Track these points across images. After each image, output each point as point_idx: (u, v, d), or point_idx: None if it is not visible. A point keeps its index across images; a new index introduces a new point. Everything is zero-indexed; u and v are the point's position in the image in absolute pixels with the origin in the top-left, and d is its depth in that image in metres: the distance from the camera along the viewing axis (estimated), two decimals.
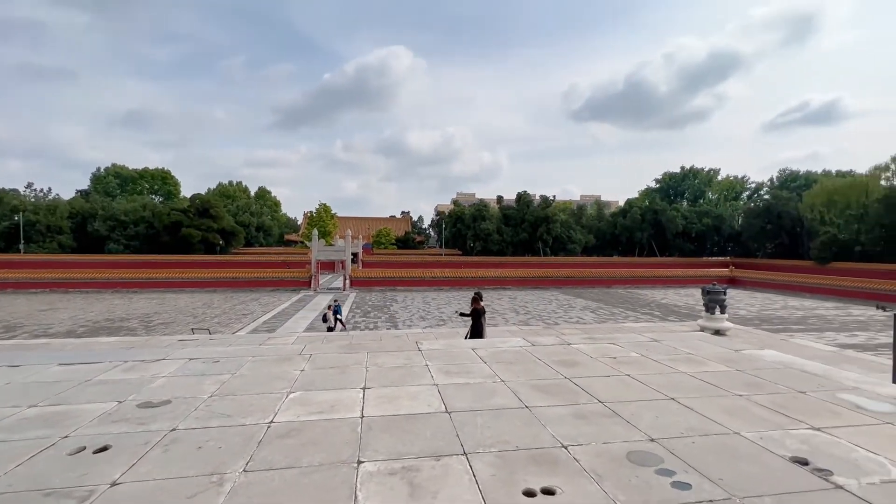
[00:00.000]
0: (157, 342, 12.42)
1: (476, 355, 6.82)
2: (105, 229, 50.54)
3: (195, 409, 4.49)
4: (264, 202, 78.82)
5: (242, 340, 12.83)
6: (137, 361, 6.40)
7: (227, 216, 55.96)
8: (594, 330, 10.61)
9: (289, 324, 20.78)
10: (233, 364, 6.22)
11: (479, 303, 10.69)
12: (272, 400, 4.76)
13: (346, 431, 3.96)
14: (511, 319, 22.26)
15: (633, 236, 61.28)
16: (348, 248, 36.64)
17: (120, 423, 4.12)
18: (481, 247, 59.35)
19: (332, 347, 7.62)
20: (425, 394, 4.99)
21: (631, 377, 5.70)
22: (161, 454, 3.51)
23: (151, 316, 23.17)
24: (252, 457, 3.46)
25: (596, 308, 26.74)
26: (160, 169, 72.26)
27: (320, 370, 5.94)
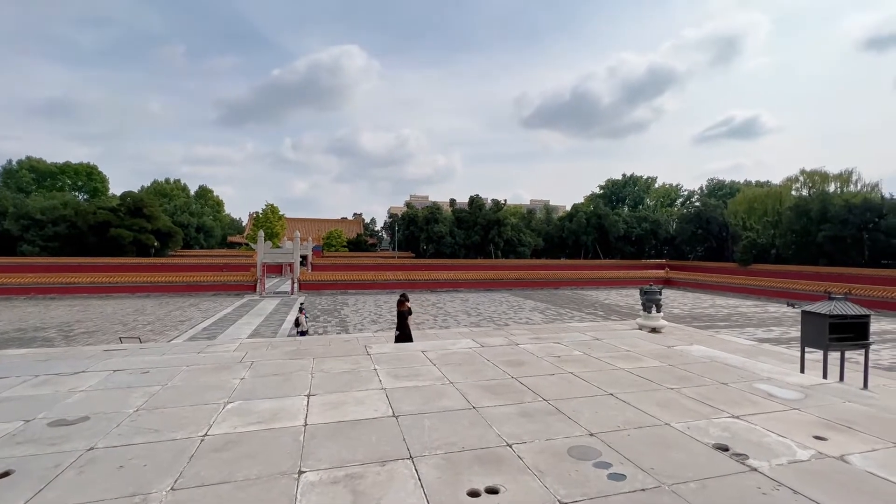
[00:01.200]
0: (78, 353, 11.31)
1: (426, 357, 6.81)
2: (17, 229, 45.46)
3: (117, 424, 4.12)
4: (205, 202, 74.49)
5: (178, 349, 11.99)
6: (52, 375, 5.79)
7: (163, 216, 52.22)
8: (541, 330, 10.94)
9: (231, 330, 19.71)
10: (164, 375, 5.79)
11: (404, 304, 10.79)
12: (207, 412, 4.47)
13: (288, 441, 3.80)
14: (463, 321, 22.47)
15: (579, 239, 63.97)
16: (296, 251, 35.40)
17: (26, 444, 3.70)
18: (434, 249, 59.53)
19: (277, 354, 7.31)
20: (372, 398, 4.91)
21: (574, 375, 5.92)
22: (75, 477, 3.19)
23: (72, 324, 21.11)
24: (182, 473, 3.22)
25: (544, 309, 27.62)
26: (85, 164, 66.18)
27: (262, 378, 5.67)
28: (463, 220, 61.53)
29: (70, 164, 64.70)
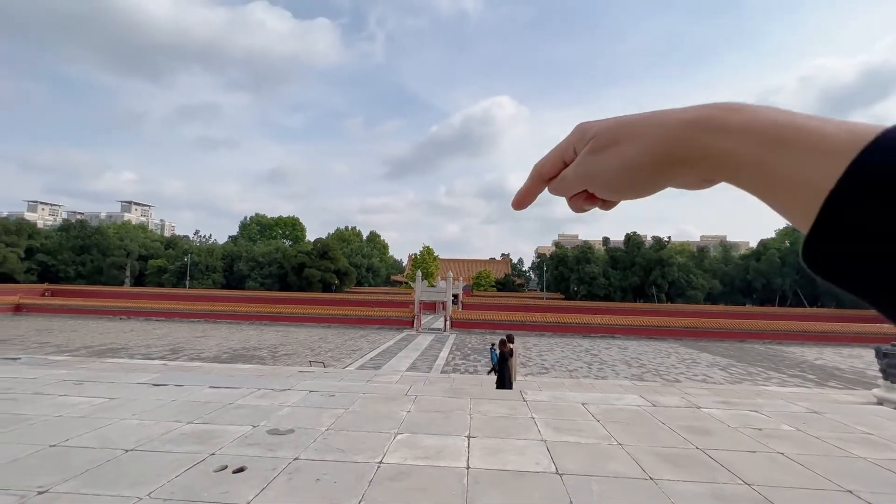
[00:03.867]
0: (282, 371, 13.78)
1: (587, 411, 6.29)
2: (246, 269, 59.11)
3: (314, 440, 4.80)
4: (374, 245, 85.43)
5: (352, 376, 13.63)
6: (268, 390, 7.13)
7: (342, 258, 61.68)
8: (728, 392, 9.15)
9: (392, 362, 21.58)
10: (346, 400, 6.59)
11: (506, 345, 10.54)
12: (381, 440, 4.88)
13: (453, 481, 3.86)
14: (622, 373, 20.30)
15: (770, 282, 52.93)
16: (449, 290, 37.49)
17: (254, 446, 4.57)
18: (586, 291, 56.24)
19: (436, 390, 7.68)
20: (532, 450, 4.70)
21: (786, 456, 4.72)
22: (286, 482, 3.78)
23: (278, 347, 25.95)
24: (364, 496, 3.54)
25: (727, 366, 23.18)
26: (291, 217, 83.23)
27: (425, 413, 5.98)
28: (618, 260, 57.09)
29: (281, 218, 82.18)
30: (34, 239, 54.89)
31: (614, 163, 0.40)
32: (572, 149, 0.43)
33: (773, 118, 0.33)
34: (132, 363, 14.92)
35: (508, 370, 10.30)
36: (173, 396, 6.48)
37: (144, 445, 4.50)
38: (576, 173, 0.43)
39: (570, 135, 0.44)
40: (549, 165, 0.46)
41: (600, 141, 0.41)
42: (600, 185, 0.42)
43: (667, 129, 0.37)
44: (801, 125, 0.31)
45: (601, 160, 0.41)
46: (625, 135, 0.39)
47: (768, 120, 0.33)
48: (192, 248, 62.16)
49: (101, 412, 5.61)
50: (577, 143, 0.43)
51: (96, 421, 5.25)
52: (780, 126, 0.32)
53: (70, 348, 22.53)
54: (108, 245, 58.14)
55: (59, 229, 60.73)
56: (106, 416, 5.42)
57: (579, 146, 0.43)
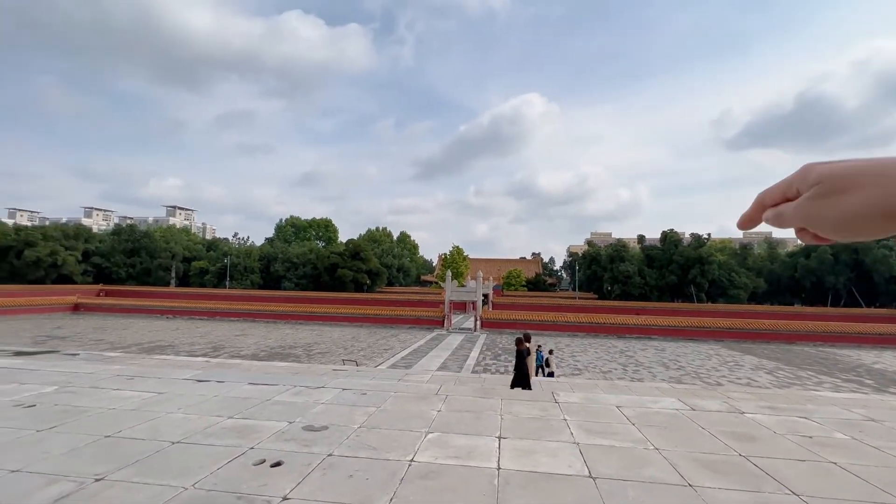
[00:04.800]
0: (316, 370, 14.13)
1: (621, 414, 6.13)
2: (282, 270, 61.03)
3: (347, 437, 4.90)
4: (405, 245, 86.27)
5: (384, 375, 13.81)
6: (303, 387, 7.34)
7: (373, 258, 62.65)
8: (775, 397, 8.69)
9: (423, 361, 21.73)
10: (378, 398, 6.70)
11: (523, 344, 10.66)
12: (412, 438, 4.93)
13: (483, 482, 3.86)
14: (659, 375, 19.63)
15: (822, 281, 49.80)
16: (479, 290, 37.38)
17: (290, 441, 4.72)
18: (620, 290, 54.73)
19: (466, 390, 7.68)
20: (565, 452, 4.62)
21: (839, 467, 4.43)
22: (320, 477, 3.88)
23: (312, 345, 26.66)
24: (395, 494, 3.59)
25: (773, 369, 22.00)
26: (324, 218, 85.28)
27: (456, 413, 6.00)
28: (654, 258, 55.26)
29: (315, 220, 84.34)
30: (90, 243, 58.77)
31: (840, 210, 0.42)
32: (795, 188, 0.46)
33: None
34: (177, 360, 15.71)
35: (526, 367, 10.47)
36: (215, 392, 6.78)
37: (189, 438, 4.73)
38: (796, 214, 0.46)
39: (795, 174, 0.47)
40: (771, 197, 0.49)
41: (825, 188, 0.43)
42: (823, 228, 0.45)
43: None
44: None
45: (824, 207, 0.43)
46: (851, 184, 0.41)
47: None
48: (232, 249, 64.79)
49: (151, 406, 5.94)
50: (800, 183, 0.45)
51: (146, 414, 5.57)
52: None
53: (122, 345, 23.97)
54: (155, 248, 61.47)
55: (112, 233, 64.73)
56: (154, 410, 5.74)
57: (802, 187, 0.45)
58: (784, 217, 0.47)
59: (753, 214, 0.52)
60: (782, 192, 0.48)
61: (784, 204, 0.47)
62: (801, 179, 0.45)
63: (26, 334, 26.97)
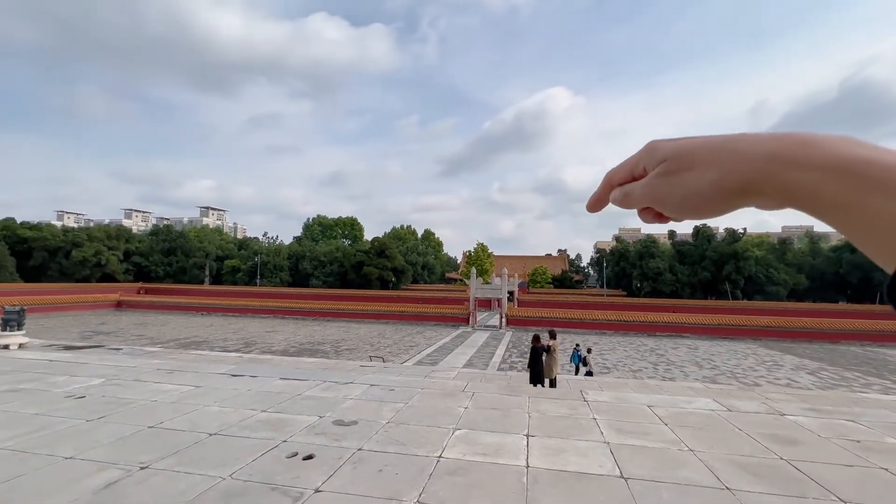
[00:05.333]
0: (344, 366, 14.38)
1: (653, 414, 5.98)
2: (310, 268, 62.37)
3: (376, 432, 4.97)
4: (429, 243, 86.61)
5: (410, 371, 13.93)
6: (332, 382, 7.49)
7: (398, 256, 63.19)
8: (818, 398, 8.29)
9: (448, 358, 21.80)
10: (405, 394, 6.76)
11: (538, 341, 11.12)
12: (440, 434, 4.96)
13: (512, 480, 3.84)
14: (692, 374, 19.04)
15: (869, 277, 47.06)
16: (504, 287, 37.16)
17: (321, 435, 4.83)
18: (650, 287, 53.30)
19: (493, 388, 7.65)
20: (595, 452, 4.55)
21: (891, 473, 4.19)
22: (351, 470, 3.95)
23: (340, 342, 27.16)
24: (424, 489, 3.62)
25: (816, 369, 20.97)
26: (350, 217, 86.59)
27: (483, 410, 5.99)
28: (686, 255, 53.54)
29: (341, 218, 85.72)
30: (130, 243, 61.69)
31: (685, 188, 0.41)
32: (642, 166, 0.45)
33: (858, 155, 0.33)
34: (212, 355, 16.32)
35: (540, 364, 10.87)
36: (249, 386, 7.01)
37: (225, 430, 4.91)
38: (643, 193, 0.44)
39: (641, 151, 0.45)
40: (619, 176, 0.47)
41: (671, 165, 0.42)
42: (669, 206, 0.43)
43: (744, 159, 0.37)
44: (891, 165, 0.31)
45: (671, 184, 0.42)
46: (698, 161, 0.40)
47: (853, 157, 0.33)
48: (262, 248, 66.67)
49: (189, 399, 6.19)
50: (647, 160, 0.44)
51: (185, 406, 5.81)
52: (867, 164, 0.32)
53: (161, 340, 25.08)
54: (190, 247, 63.93)
55: (150, 234, 67.69)
56: (192, 403, 5.98)
57: (649, 164, 0.44)
58: (631, 196, 0.45)
59: (601, 194, 0.49)
60: (629, 171, 0.46)
61: (632, 183, 0.46)
62: (647, 157, 0.44)
63: (74, 330, 28.58)
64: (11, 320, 12.66)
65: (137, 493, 3.43)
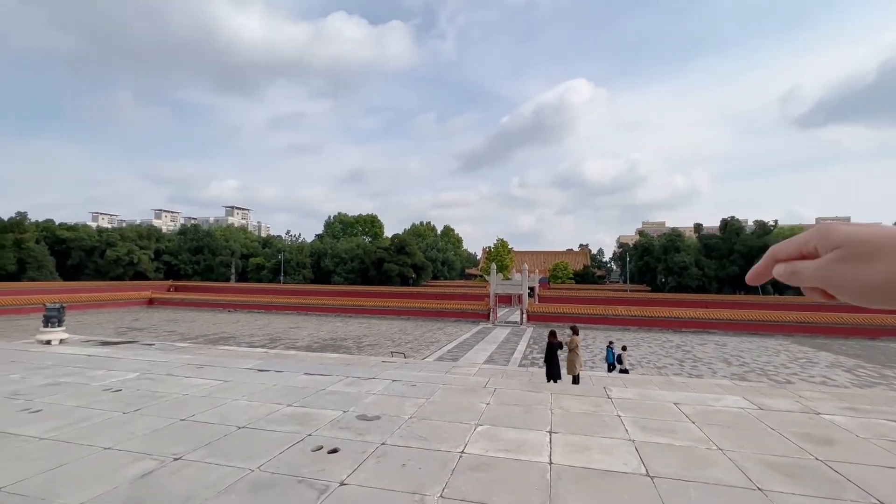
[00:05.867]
0: (367, 361, 14.57)
1: (679, 412, 5.84)
2: (332, 265, 63.30)
3: (399, 427, 5.03)
4: (448, 239, 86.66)
5: (432, 367, 14.01)
6: (355, 378, 7.60)
7: (418, 253, 63.47)
8: (855, 397, 7.95)
9: (469, 354, 21.82)
10: (427, 390, 6.81)
11: (555, 337, 11.26)
12: (462, 430, 4.98)
13: (535, 476, 3.82)
14: (720, 371, 18.53)
15: None
16: (525, 283, 36.90)
17: (345, 430, 4.91)
18: (675, 282, 52.04)
19: (514, 384, 7.62)
20: (620, 449, 4.48)
21: None
22: (374, 464, 4.01)
23: (361, 338, 27.52)
24: (447, 484, 3.64)
25: (853, 367, 20.11)
26: (370, 215, 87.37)
27: (505, 406, 5.98)
28: (713, 248, 52.02)
29: (361, 216, 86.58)
30: (160, 242, 63.87)
31: (864, 279, 0.41)
32: (812, 245, 0.45)
33: None
34: (239, 350, 16.77)
35: (555, 359, 11.11)
36: (275, 381, 7.18)
37: (253, 424, 5.04)
38: (815, 275, 0.45)
39: (812, 231, 0.46)
40: (785, 252, 0.48)
41: (847, 252, 0.42)
42: (845, 293, 0.44)
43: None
44: None
45: (848, 272, 0.42)
46: (879, 253, 0.40)
47: None
48: (285, 246, 68.01)
49: (218, 393, 6.39)
50: (819, 242, 0.45)
51: (215, 400, 5.99)
52: None
53: (191, 336, 25.93)
54: (217, 246, 65.73)
55: (179, 233, 69.91)
56: (222, 397, 6.16)
57: (822, 247, 0.44)
58: (800, 275, 0.46)
59: (765, 268, 0.50)
60: (798, 248, 0.47)
61: (801, 261, 0.46)
62: (820, 239, 0.44)
63: (110, 326, 29.82)
64: (53, 317, 13.30)
65: (171, 484, 3.56)
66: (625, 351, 15.60)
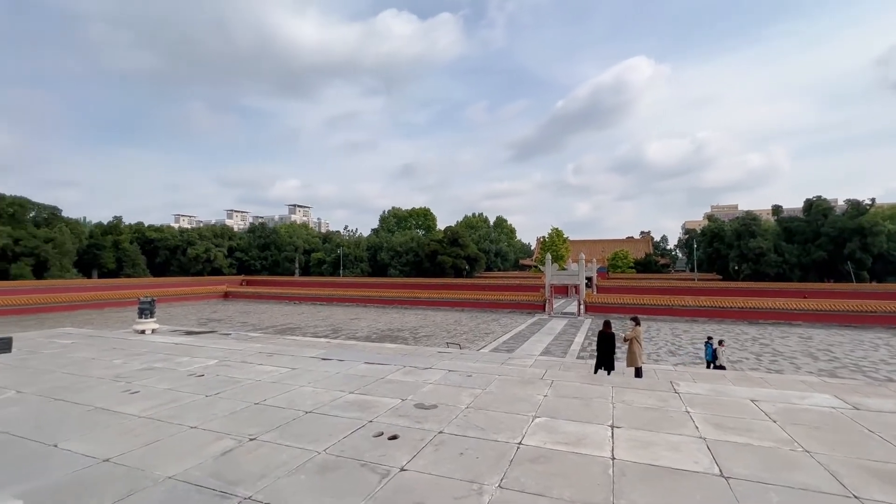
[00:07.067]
0: (423, 352, 14.86)
1: (758, 409, 5.40)
2: (387, 258, 65.10)
3: (455, 416, 5.08)
4: (501, 230, 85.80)
5: (486, 358, 14.01)
6: (412, 367, 7.78)
7: (471, 244, 63.51)
8: None
9: (525, 346, 21.56)
10: (482, 380, 6.81)
11: (610, 327, 11.31)
12: (519, 421, 4.93)
13: (596, 471, 3.71)
14: (805, 367, 16.88)
15: None
16: (582, 272, 35.72)
17: (404, 417, 5.05)
18: (750, 270, 47.93)
19: (572, 376, 7.42)
20: (689, 447, 4.22)
21: None
22: (433, 452, 4.09)
23: (417, 329, 28.11)
24: (505, 474, 3.62)
25: None
26: (423, 208, 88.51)
27: (563, 399, 5.84)
28: (795, 232, 47.27)
29: (414, 209, 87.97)
30: (232, 240, 69.13)
31: None
32: None
33: None
34: (304, 340, 17.77)
35: (609, 352, 11.08)
36: (337, 369, 7.53)
37: (319, 409, 5.32)
38: None
39: None
40: None
41: None
42: None
43: None
44: None
45: None
46: None
47: None
48: (343, 241, 70.93)
49: (287, 379, 6.81)
50: None
51: (284, 386, 6.40)
52: None
53: (261, 327, 27.86)
54: (282, 242, 69.97)
55: (248, 231, 75.19)
56: (290, 383, 6.57)
57: None
58: None
59: None
60: None
61: None
62: None
63: (192, 317, 32.78)
64: (145, 309, 14.86)
65: (248, 462, 3.86)
66: (721, 345, 13.96)
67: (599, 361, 11.28)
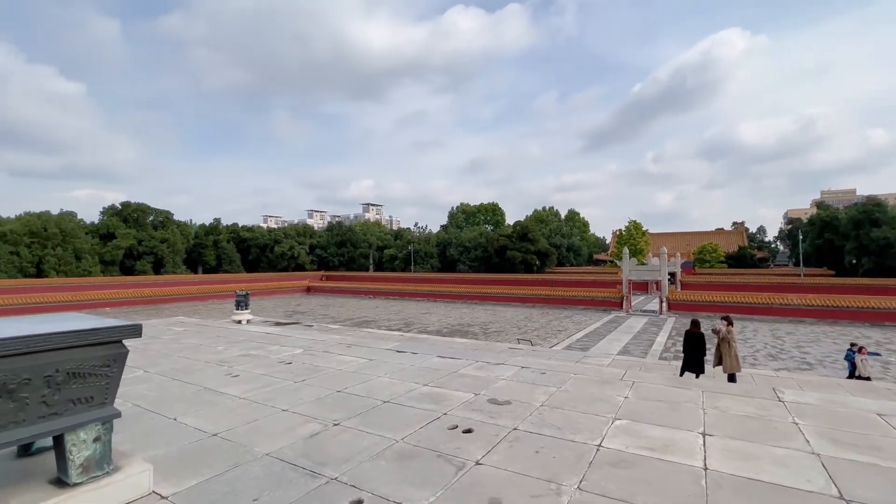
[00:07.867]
0: (494, 347, 14.82)
1: (887, 424, 4.65)
2: (456, 254, 65.77)
3: (530, 414, 5.00)
4: (573, 224, 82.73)
5: (560, 356, 13.62)
6: (484, 363, 7.79)
7: (542, 239, 62.00)
8: None
9: (601, 344, 20.62)
10: (557, 378, 6.63)
11: (698, 327, 10.91)
12: (598, 423, 4.72)
13: (686, 481, 3.43)
14: None
15: None
16: (664, 268, 33.29)
17: (477, 412, 5.07)
18: (872, 264, 41.44)
19: (656, 378, 6.95)
20: (799, 462, 3.76)
21: None
22: (507, 448, 4.06)
23: (488, 324, 28.10)
24: (584, 476, 3.49)
25: None
26: (491, 203, 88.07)
27: (646, 401, 5.49)
28: None
29: (483, 205, 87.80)
30: (313, 238, 74.29)
31: None
32: None
33: None
34: (379, 333, 18.58)
35: (696, 353, 10.63)
36: (411, 362, 7.76)
37: (395, 399, 5.53)
38: None
39: None
40: None
41: None
42: None
43: None
44: None
45: None
46: None
47: None
48: (413, 238, 72.97)
49: (365, 369, 7.16)
50: None
51: (362, 376, 6.74)
52: None
53: (340, 319, 29.60)
54: (357, 239, 73.72)
55: (327, 230, 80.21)
56: (368, 373, 6.90)
57: None
58: None
59: None
60: None
61: None
62: None
63: (280, 309, 35.72)
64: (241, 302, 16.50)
65: (333, 446, 4.11)
66: (861, 352, 11.68)
67: (686, 363, 10.63)
